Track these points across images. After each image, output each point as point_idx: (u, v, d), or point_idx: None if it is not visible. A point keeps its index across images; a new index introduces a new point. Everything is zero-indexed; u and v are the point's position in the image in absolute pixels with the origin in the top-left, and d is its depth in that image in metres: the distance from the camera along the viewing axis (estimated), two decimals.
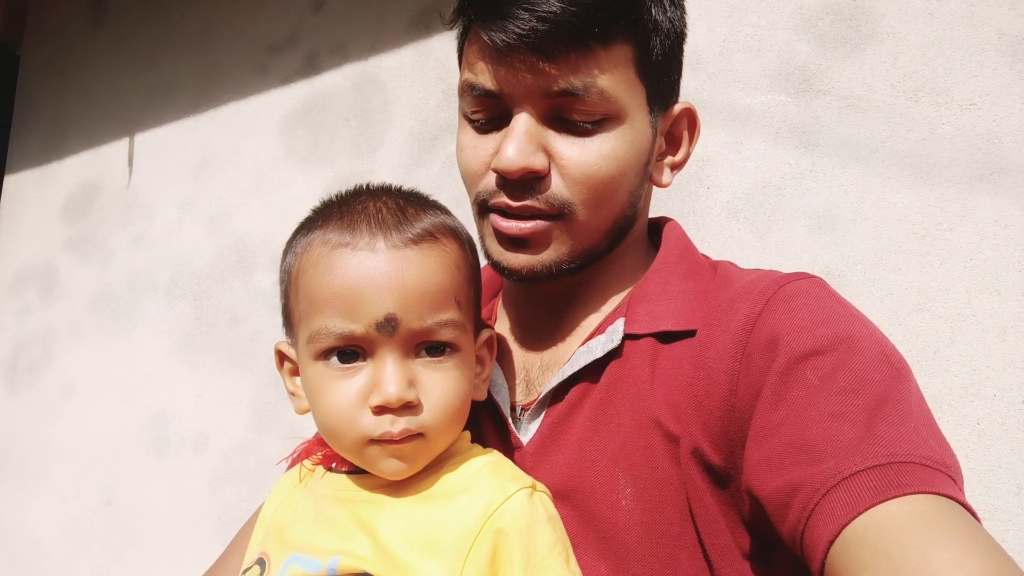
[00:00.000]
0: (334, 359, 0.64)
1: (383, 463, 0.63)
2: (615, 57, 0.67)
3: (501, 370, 0.76)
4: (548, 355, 0.76)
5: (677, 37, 0.73)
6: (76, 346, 2.59)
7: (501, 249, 0.71)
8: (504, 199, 0.69)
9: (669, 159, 0.77)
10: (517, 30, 0.64)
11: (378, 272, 0.62)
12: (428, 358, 0.64)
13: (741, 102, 1.59)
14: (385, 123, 2.11)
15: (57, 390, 2.60)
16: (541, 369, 0.75)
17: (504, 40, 0.65)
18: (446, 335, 0.64)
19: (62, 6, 2.91)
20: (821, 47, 1.53)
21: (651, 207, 0.81)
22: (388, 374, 0.62)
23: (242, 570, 0.69)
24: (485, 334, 0.71)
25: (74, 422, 2.53)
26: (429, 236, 0.65)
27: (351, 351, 0.63)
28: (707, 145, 1.59)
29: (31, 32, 3.01)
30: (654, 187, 0.78)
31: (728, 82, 1.61)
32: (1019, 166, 1.35)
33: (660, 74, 0.71)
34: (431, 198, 0.71)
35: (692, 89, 1.61)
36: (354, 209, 0.66)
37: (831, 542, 0.52)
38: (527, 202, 0.69)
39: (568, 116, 0.68)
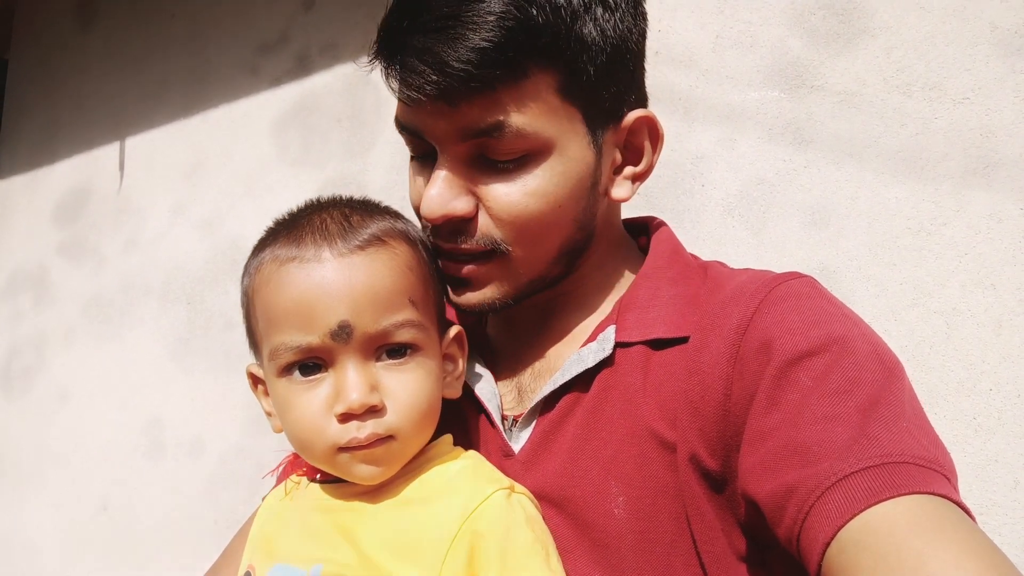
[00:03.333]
0: (296, 373, 0.64)
1: (356, 469, 0.64)
2: (529, 91, 0.64)
3: (492, 378, 0.75)
4: (539, 363, 0.75)
5: (617, 45, 0.67)
6: (70, 351, 2.58)
7: (450, 288, 0.72)
8: (438, 241, 0.70)
9: (630, 170, 0.73)
10: (416, 83, 0.63)
11: (326, 281, 0.63)
12: (389, 361, 0.65)
13: (734, 99, 1.58)
14: (377, 123, 2.10)
15: (52, 395, 2.59)
16: (532, 377, 0.75)
17: (407, 94, 0.64)
18: (404, 336, 0.65)
19: (50, 9, 2.90)
20: (813, 42, 1.53)
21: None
22: (350, 381, 0.62)
23: None
24: (453, 331, 0.71)
25: (69, 427, 2.53)
26: (376, 240, 0.65)
27: (312, 363, 0.64)
28: (701, 142, 1.59)
29: (19, 36, 2.99)
30: (640, 187, 0.76)
31: (721, 79, 1.60)
32: (1013, 160, 1.34)
33: (597, 90, 0.67)
34: (383, 204, 0.71)
35: (685, 86, 1.61)
36: (300, 224, 0.67)
37: (827, 544, 0.52)
38: (458, 244, 0.68)
39: (490, 156, 0.66)
